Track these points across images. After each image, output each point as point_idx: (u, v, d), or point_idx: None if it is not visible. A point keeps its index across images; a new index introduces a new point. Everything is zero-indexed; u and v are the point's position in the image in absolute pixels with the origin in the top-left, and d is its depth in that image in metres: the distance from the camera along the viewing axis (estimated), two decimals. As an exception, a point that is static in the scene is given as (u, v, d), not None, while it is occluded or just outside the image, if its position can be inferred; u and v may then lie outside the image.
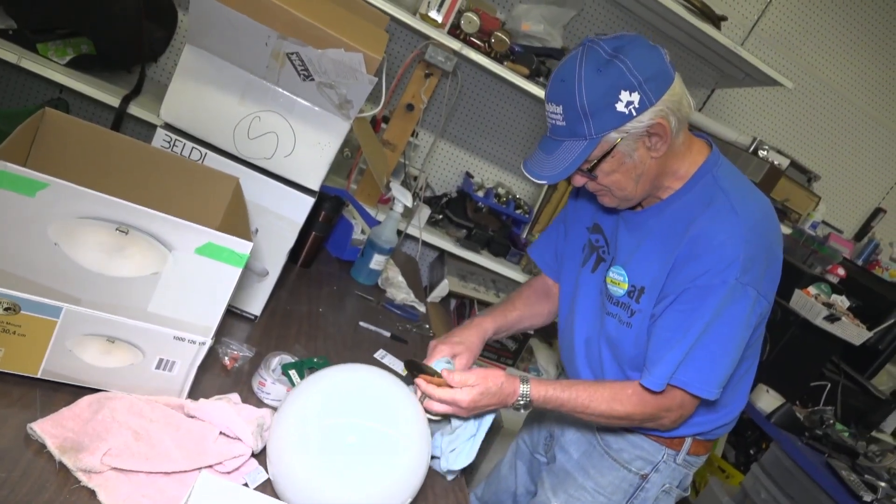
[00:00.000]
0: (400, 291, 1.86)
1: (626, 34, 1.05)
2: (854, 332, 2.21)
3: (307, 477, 0.90)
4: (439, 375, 1.11)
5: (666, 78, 1.03)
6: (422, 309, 1.86)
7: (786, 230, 2.61)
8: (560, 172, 1.06)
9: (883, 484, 1.95)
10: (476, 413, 1.15)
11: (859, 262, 2.91)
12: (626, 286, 1.18)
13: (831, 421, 2.24)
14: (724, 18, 2.26)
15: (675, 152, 1.11)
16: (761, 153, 2.46)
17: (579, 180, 1.14)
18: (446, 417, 1.16)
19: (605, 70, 1.00)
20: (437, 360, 1.21)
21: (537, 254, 1.49)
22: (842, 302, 2.26)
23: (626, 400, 1.14)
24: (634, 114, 1.01)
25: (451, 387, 1.10)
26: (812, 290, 2.27)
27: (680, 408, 1.14)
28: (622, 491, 1.29)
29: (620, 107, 1.01)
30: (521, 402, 1.14)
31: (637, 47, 1.01)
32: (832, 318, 2.15)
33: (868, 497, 1.85)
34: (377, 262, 1.79)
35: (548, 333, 2.61)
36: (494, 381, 1.11)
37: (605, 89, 1.00)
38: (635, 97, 1.00)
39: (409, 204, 1.78)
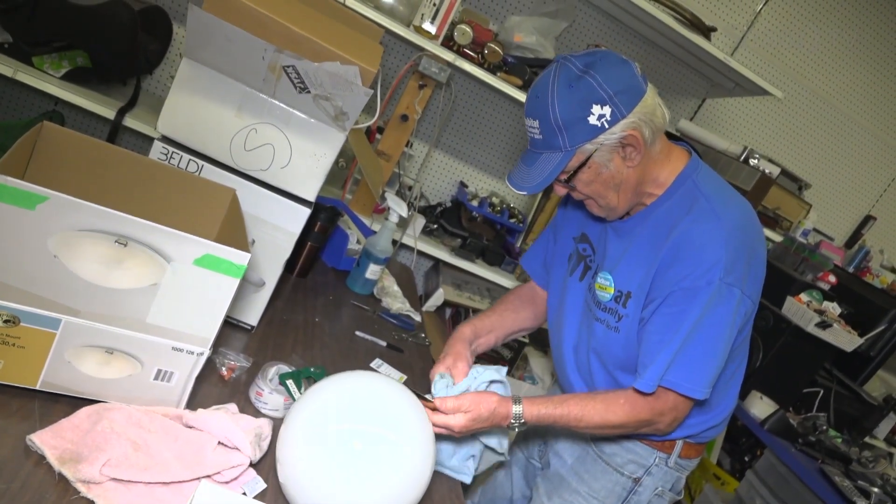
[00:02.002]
0: (396, 301, 1.86)
1: (598, 50, 1.09)
2: (846, 339, 2.22)
3: (316, 483, 0.91)
4: (433, 405, 1.12)
5: (637, 91, 1.07)
6: (417, 318, 1.87)
7: (777, 238, 2.63)
8: (539, 183, 1.11)
9: (876, 489, 1.96)
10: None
11: (850, 269, 2.94)
12: (612, 290, 1.20)
13: (824, 427, 2.25)
14: (713, 29, 2.29)
15: (654, 160, 1.15)
16: (752, 162, 2.48)
17: (560, 190, 1.19)
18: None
19: (577, 85, 1.04)
20: (436, 380, 1.22)
21: (527, 263, 1.53)
22: (833, 309, 2.28)
23: (618, 409, 1.15)
24: (607, 126, 1.06)
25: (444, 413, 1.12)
26: (804, 297, 2.29)
27: (673, 410, 1.16)
28: (615, 495, 1.31)
29: (593, 120, 1.05)
30: (515, 424, 1.15)
31: (607, 63, 1.06)
32: (824, 325, 2.17)
33: (861, 503, 1.87)
34: (372, 271, 1.80)
35: (542, 342, 2.62)
36: (487, 406, 1.13)
37: (577, 103, 1.05)
38: (607, 110, 1.05)
39: (405, 214, 1.79)
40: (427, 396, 1.15)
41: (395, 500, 0.94)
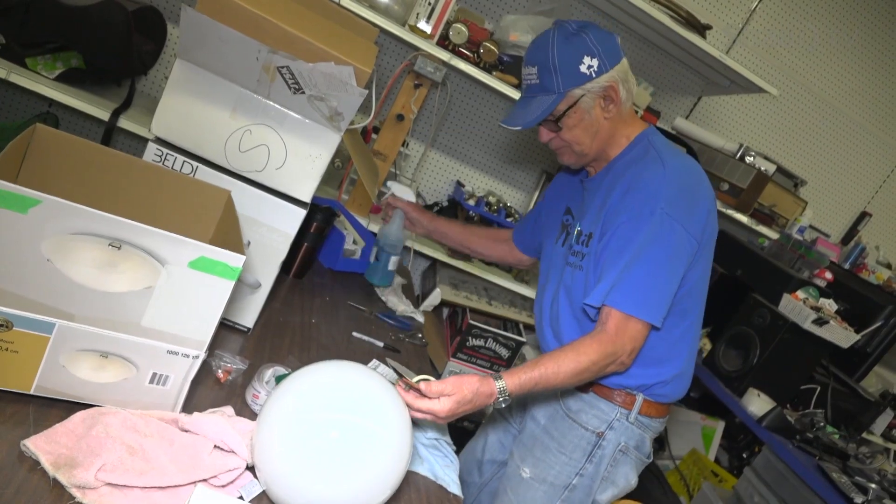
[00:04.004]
0: (400, 303, 1.86)
1: (588, 21, 1.31)
2: (842, 336, 2.23)
3: (293, 474, 0.91)
4: (418, 388, 1.12)
5: (617, 55, 1.28)
6: (420, 319, 1.87)
7: (773, 235, 2.63)
8: (532, 120, 1.29)
9: (873, 485, 1.97)
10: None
11: (846, 266, 2.94)
12: (580, 233, 1.37)
13: (822, 423, 2.26)
14: (708, 27, 2.29)
15: (624, 119, 1.35)
16: (748, 159, 2.49)
17: (546, 135, 1.35)
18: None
19: (573, 39, 1.25)
20: None
21: (516, 233, 1.77)
22: (830, 305, 2.28)
23: (587, 349, 1.22)
24: (594, 76, 1.26)
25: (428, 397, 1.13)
26: (800, 294, 2.29)
27: (632, 340, 1.24)
28: (581, 449, 1.38)
29: (583, 68, 1.25)
30: (502, 399, 1.18)
31: (597, 29, 1.27)
32: (820, 322, 2.17)
33: (859, 499, 1.87)
34: (393, 262, 1.86)
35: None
36: (470, 387, 1.15)
37: (572, 52, 1.24)
38: (594, 62, 1.25)
39: (412, 199, 1.85)
40: (412, 379, 1.14)
41: (375, 486, 0.95)
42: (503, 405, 1.19)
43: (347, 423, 0.94)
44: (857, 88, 2.99)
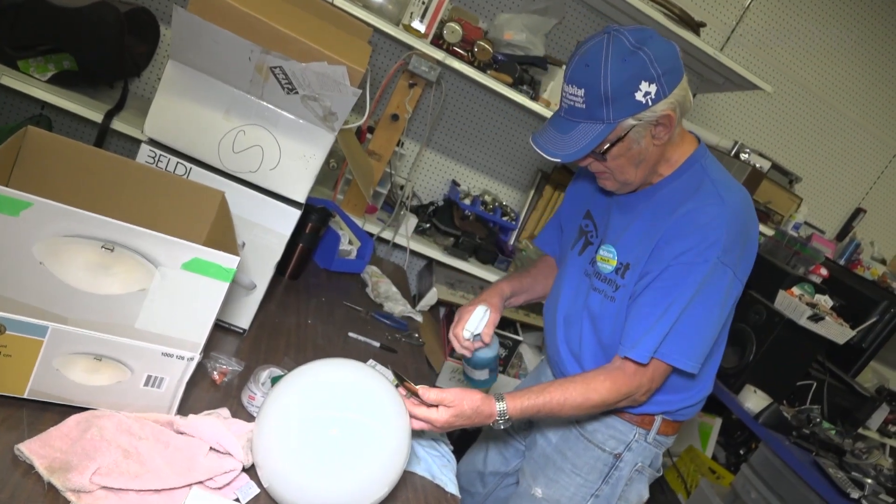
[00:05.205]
0: (397, 304, 1.86)
1: (645, 27, 1.11)
2: (838, 331, 2.23)
3: (294, 471, 0.91)
4: (416, 392, 1.11)
5: (678, 73, 1.10)
6: (419, 319, 1.86)
7: (769, 231, 2.64)
8: (576, 152, 1.11)
9: (870, 480, 1.97)
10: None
11: (841, 262, 2.95)
12: (615, 263, 1.24)
13: (818, 419, 2.26)
14: (702, 24, 2.29)
15: (672, 141, 1.19)
16: (743, 156, 2.49)
17: (585, 159, 1.19)
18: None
19: (630, 60, 1.05)
20: (477, 308, 1.34)
21: (542, 243, 1.58)
22: (825, 301, 2.29)
23: (599, 387, 1.17)
24: (650, 104, 1.08)
25: (427, 404, 1.10)
26: (796, 290, 2.29)
27: (651, 381, 1.20)
28: (597, 471, 1.34)
29: (639, 96, 1.07)
30: (501, 421, 1.15)
31: (657, 41, 1.08)
32: (816, 318, 2.18)
33: (855, 494, 1.87)
34: (485, 374, 1.50)
35: (537, 339, 2.62)
36: (471, 403, 1.12)
37: (627, 78, 1.06)
38: (653, 88, 1.07)
39: (487, 316, 1.40)
40: (413, 386, 1.14)
41: (374, 483, 0.95)
42: (501, 427, 1.16)
43: (347, 420, 0.94)
44: (851, 84, 3.00)
